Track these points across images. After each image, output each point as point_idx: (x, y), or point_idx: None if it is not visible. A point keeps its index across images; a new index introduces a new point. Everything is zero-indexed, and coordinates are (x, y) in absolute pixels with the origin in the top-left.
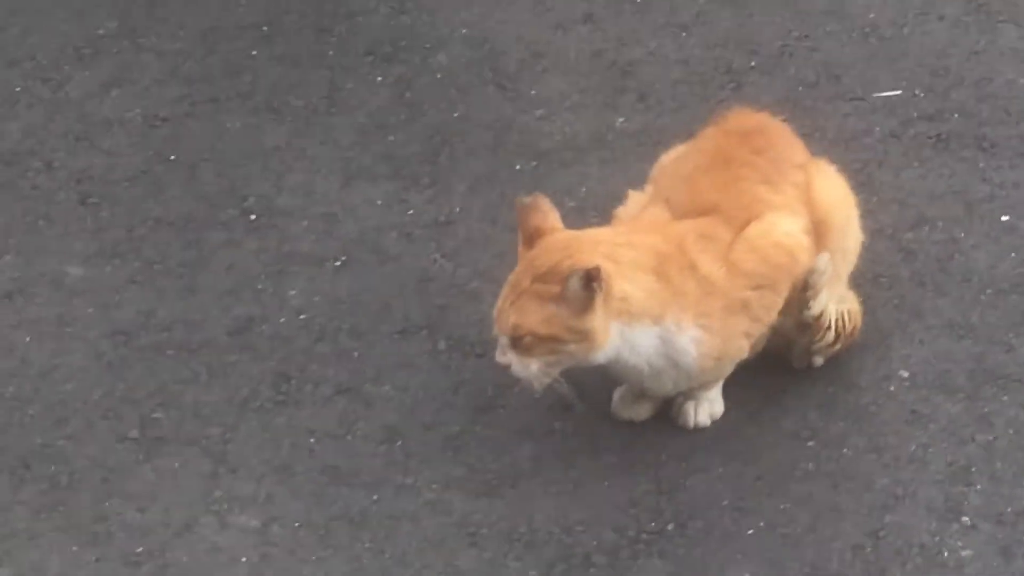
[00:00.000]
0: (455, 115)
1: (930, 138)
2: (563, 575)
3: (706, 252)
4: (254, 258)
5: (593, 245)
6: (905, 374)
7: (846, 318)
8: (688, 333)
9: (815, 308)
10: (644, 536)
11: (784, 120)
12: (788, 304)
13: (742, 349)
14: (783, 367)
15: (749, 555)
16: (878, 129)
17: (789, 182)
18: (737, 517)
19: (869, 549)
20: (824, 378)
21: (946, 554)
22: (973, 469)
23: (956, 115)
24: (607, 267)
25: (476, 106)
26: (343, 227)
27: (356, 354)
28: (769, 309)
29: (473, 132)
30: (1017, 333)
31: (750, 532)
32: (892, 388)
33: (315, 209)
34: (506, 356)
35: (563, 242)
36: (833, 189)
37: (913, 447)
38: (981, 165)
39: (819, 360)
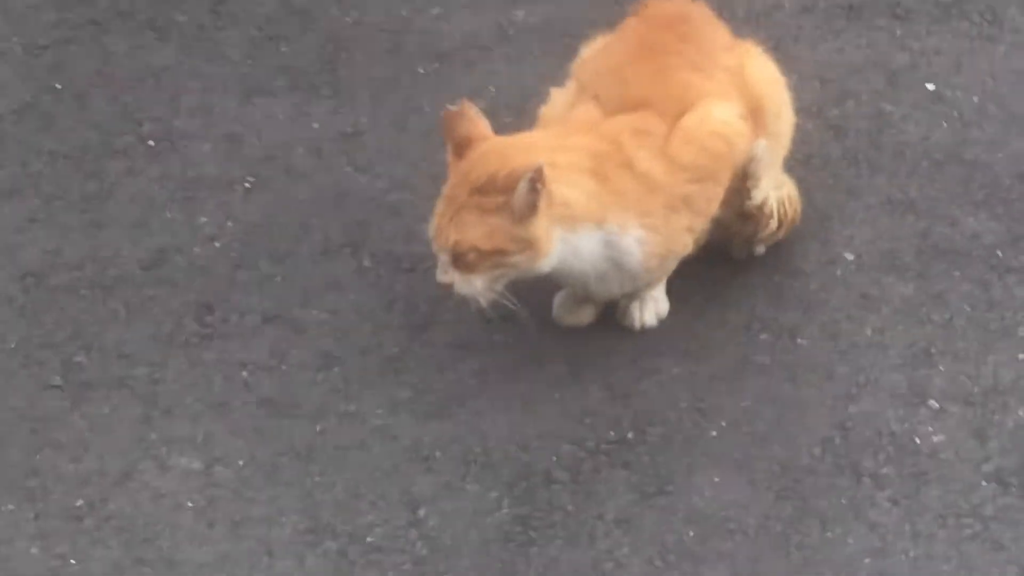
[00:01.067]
0: (348, 20)
1: (842, 8)
2: (525, 494)
3: (643, 148)
4: (158, 186)
5: (528, 150)
6: (850, 256)
7: (787, 204)
8: (631, 233)
9: (757, 197)
10: (604, 447)
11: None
12: (728, 195)
13: (687, 245)
14: (724, 259)
15: (715, 457)
16: (788, 4)
17: (719, 67)
18: (697, 419)
19: (838, 441)
20: (767, 267)
21: (918, 440)
22: (933, 350)
23: None
24: (546, 172)
25: (369, 9)
26: (247, 147)
27: (279, 279)
28: (711, 202)
29: (369, 37)
30: (959, 205)
31: (713, 434)
32: (839, 272)
33: (216, 130)
34: (448, 274)
35: (496, 150)
36: (765, 71)
37: (869, 332)
38: (898, 33)
39: (760, 249)
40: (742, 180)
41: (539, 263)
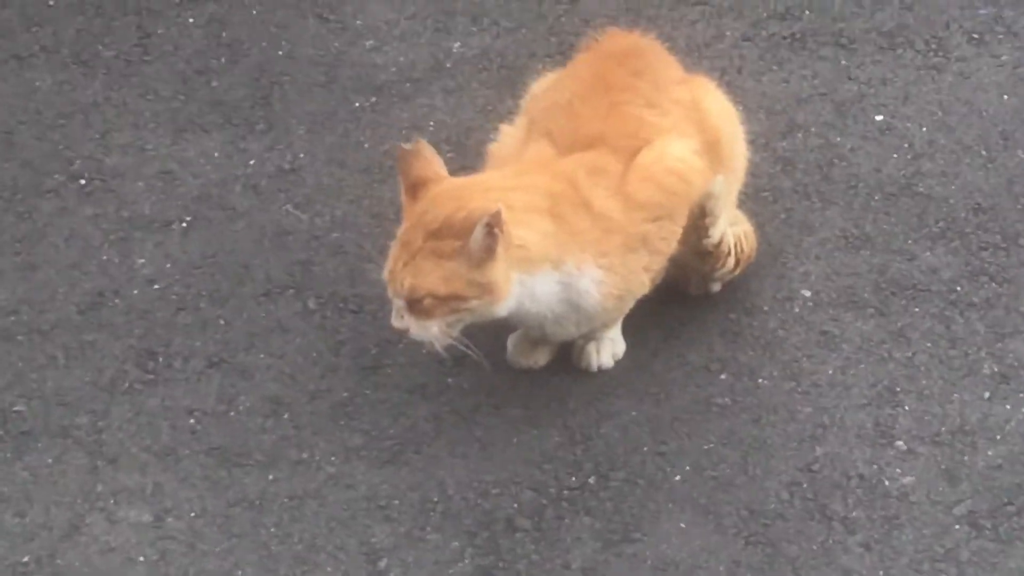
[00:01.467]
0: (279, 53)
1: (785, 38)
2: (487, 543)
3: (599, 187)
4: (93, 226)
5: (484, 192)
6: (807, 293)
7: (743, 240)
8: (589, 275)
9: (715, 235)
10: (566, 493)
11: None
12: (685, 233)
13: (644, 284)
14: (679, 297)
15: (680, 502)
16: (729, 33)
17: (672, 102)
18: (660, 463)
19: (805, 485)
20: (723, 304)
21: (887, 483)
22: (898, 389)
23: (808, 12)
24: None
25: (300, 41)
26: (182, 185)
27: (222, 322)
28: (668, 240)
29: (302, 70)
30: (915, 239)
31: (677, 478)
32: (796, 309)
33: (149, 168)
34: (403, 320)
35: (452, 192)
36: (719, 106)
37: (830, 371)
38: (843, 63)
39: (716, 286)
40: (699, 218)
41: (497, 307)
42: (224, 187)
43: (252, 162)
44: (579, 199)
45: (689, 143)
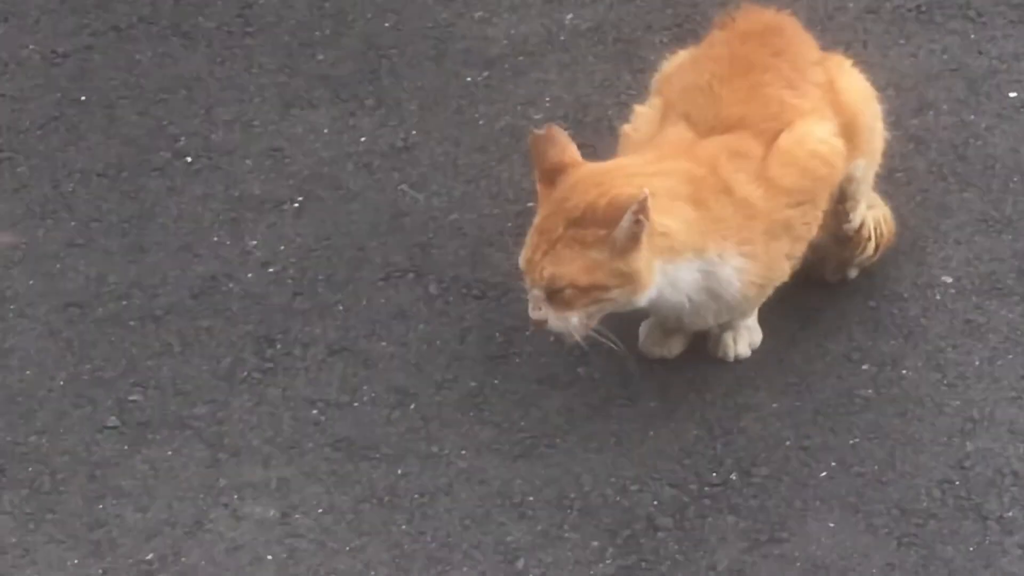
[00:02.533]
0: (386, 25)
1: (910, 10)
2: (628, 543)
3: (741, 172)
4: (202, 206)
5: (626, 178)
6: (948, 279)
7: (882, 224)
8: (731, 263)
9: (855, 220)
10: (707, 490)
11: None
12: (825, 218)
13: (785, 272)
14: (816, 283)
15: (828, 500)
16: (852, 5)
17: (811, 83)
18: (804, 458)
19: (958, 482)
20: (862, 291)
21: None
22: None
23: None
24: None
25: (408, 12)
26: (292, 163)
27: (341, 308)
28: (811, 226)
29: (411, 42)
30: None
31: (823, 474)
32: (938, 296)
33: (257, 145)
34: (541, 311)
35: (593, 177)
36: (857, 86)
37: (977, 361)
38: (973, 37)
39: (854, 272)
40: (839, 202)
41: (639, 297)
42: (335, 165)
43: (363, 139)
44: (721, 185)
45: (829, 125)
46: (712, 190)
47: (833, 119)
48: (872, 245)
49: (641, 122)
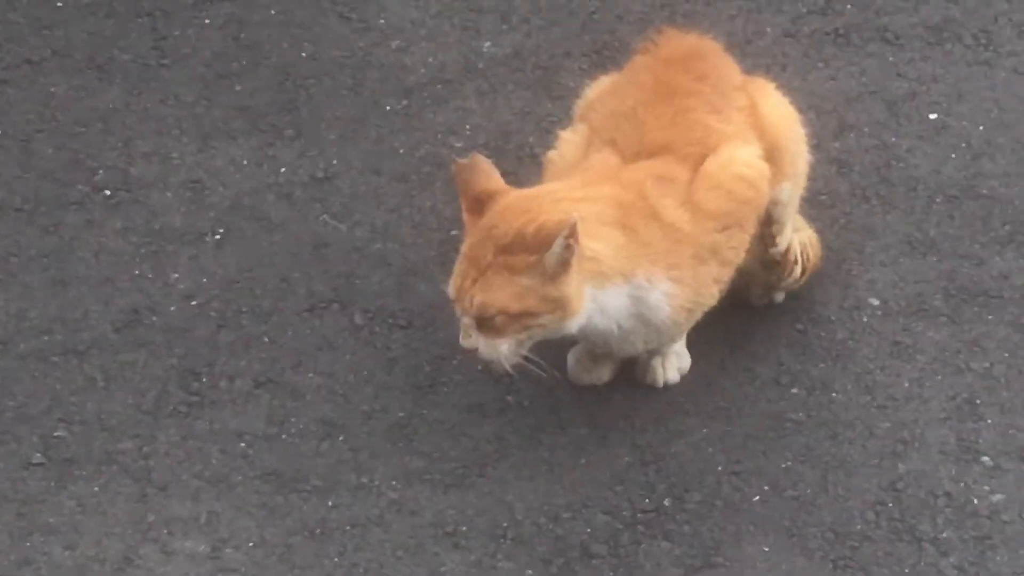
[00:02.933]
0: (303, 55)
1: (828, 34)
2: (563, 571)
3: (667, 196)
4: (122, 239)
5: (553, 203)
6: (875, 301)
7: (808, 248)
8: (660, 287)
9: (782, 244)
10: (641, 516)
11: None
12: (751, 241)
13: (713, 296)
14: (742, 307)
15: (762, 525)
16: (769, 30)
17: (734, 107)
18: (737, 483)
19: (891, 504)
20: (789, 314)
21: (976, 501)
22: (978, 401)
23: (849, 6)
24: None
25: (323, 42)
26: (212, 194)
27: (266, 339)
28: (738, 250)
29: (328, 72)
30: (982, 244)
31: (756, 499)
32: (865, 319)
33: (176, 177)
34: (471, 339)
35: (520, 204)
36: (780, 110)
37: (906, 383)
38: (891, 59)
39: (780, 296)
40: (765, 226)
41: (569, 323)
42: (256, 196)
43: (283, 170)
44: (648, 209)
45: (754, 149)
46: (640, 215)
47: (757, 143)
48: (799, 269)
49: (566, 148)
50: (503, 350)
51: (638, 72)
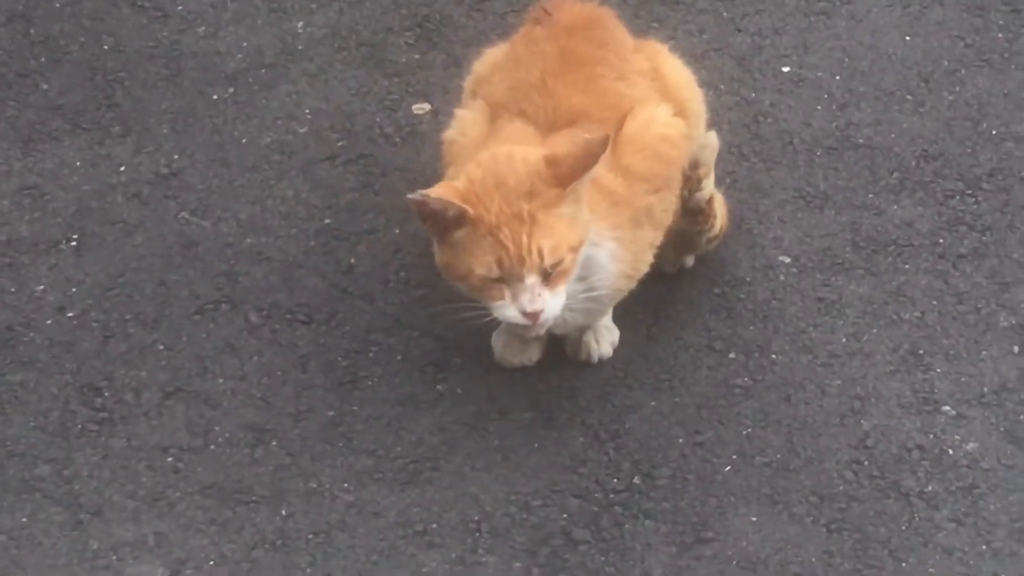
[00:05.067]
0: (105, 47)
1: None
2: (552, 560)
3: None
4: None
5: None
6: (786, 259)
7: (722, 206)
8: (607, 246)
9: (707, 188)
10: (614, 497)
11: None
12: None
13: (648, 263)
14: (654, 277)
15: (742, 495)
16: None
17: (636, 72)
18: (703, 455)
19: (866, 462)
20: (702, 279)
21: (951, 451)
22: (921, 351)
23: None
24: None
25: (121, 33)
26: (53, 199)
27: (161, 347)
28: (668, 212)
29: (138, 64)
30: (876, 193)
31: (727, 469)
32: (782, 277)
33: (7, 184)
34: (540, 298)
35: (502, 163)
36: (681, 73)
37: (843, 339)
38: (726, 15)
39: (690, 261)
40: (691, 169)
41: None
42: (102, 198)
43: (123, 168)
44: None
45: (668, 108)
46: None
47: (666, 104)
48: (717, 223)
49: (467, 125)
50: (563, 301)
51: (538, 43)
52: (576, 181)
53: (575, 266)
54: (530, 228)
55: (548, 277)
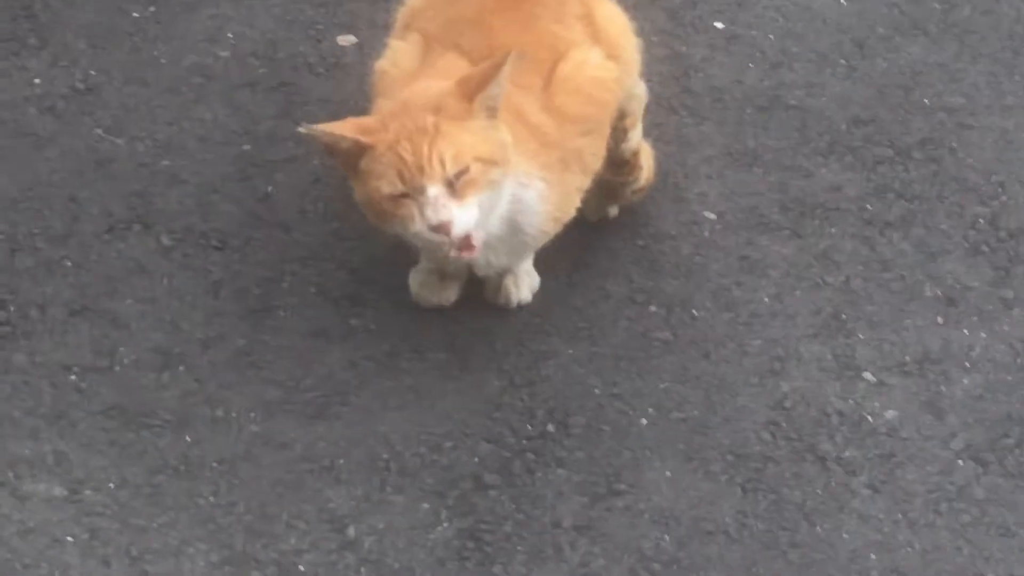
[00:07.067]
0: None
1: None
2: (460, 503)
3: (529, 100)
4: None
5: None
6: (711, 215)
7: (648, 158)
8: (535, 186)
9: (633, 138)
10: (527, 443)
11: None
12: None
13: (575, 206)
14: (579, 224)
15: (657, 448)
16: None
17: (571, 15)
18: (619, 406)
19: (784, 424)
20: (626, 230)
21: (870, 419)
22: (844, 316)
23: None
24: None
25: None
26: None
27: (68, 263)
28: (597, 156)
29: None
30: (805, 155)
31: (643, 422)
32: (706, 233)
33: None
34: (446, 208)
35: (416, 89)
36: (617, 20)
37: (766, 299)
38: None
39: (614, 211)
40: (618, 119)
41: (505, 179)
42: (15, 110)
43: (38, 81)
44: (514, 109)
45: (601, 51)
46: (509, 113)
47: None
48: (643, 174)
49: (399, 57)
50: (475, 213)
51: None
52: (482, 93)
53: (486, 179)
54: (432, 138)
55: (453, 188)
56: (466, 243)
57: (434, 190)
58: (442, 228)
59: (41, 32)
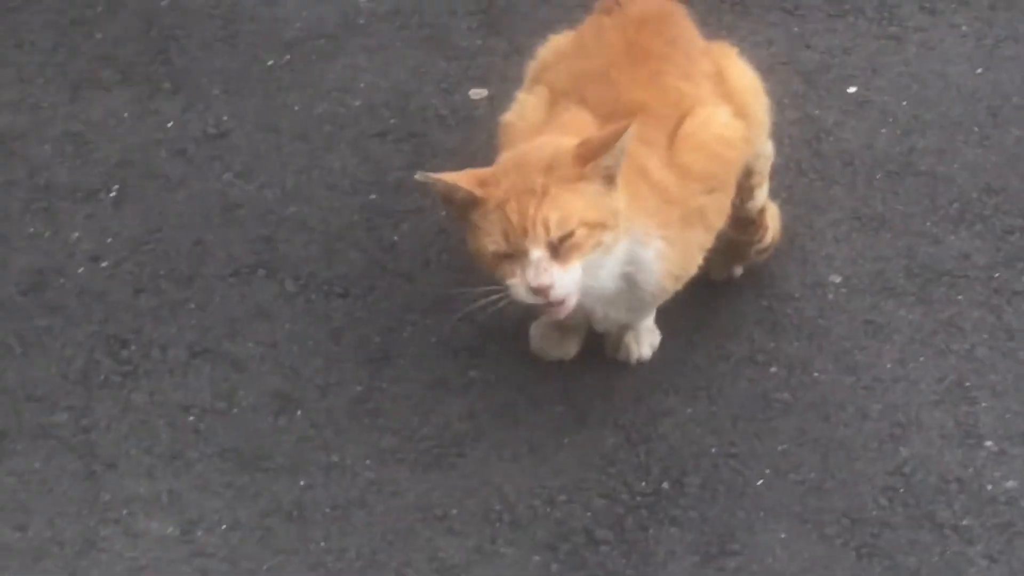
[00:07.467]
0: (163, 3)
1: (723, 2)
2: (571, 558)
3: (653, 157)
4: (6, 194)
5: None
6: (837, 279)
7: (775, 219)
8: (654, 245)
9: (759, 198)
10: (640, 500)
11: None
12: None
13: (697, 264)
14: (702, 284)
15: (772, 510)
16: None
17: (700, 73)
18: (735, 466)
19: (902, 490)
20: (751, 290)
21: (990, 487)
22: (968, 384)
23: None
24: None
25: None
26: (96, 149)
27: (192, 305)
28: (721, 214)
29: (195, 22)
30: (934, 222)
31: (759, 483)
32: (831, 296)
33: (51, 129)
34: (548, 272)
35: (536, 144)
36: (747, 78)
37: (889, 364)
38: (796, 30)
39: (739, 271)
40: (744, 178)
41: (616, 244)
42: (146, 152)
43: (170, 124)
44: (637, 166)
45: (728, 109)
46: (630, 170)
47: (727, 107)
48: (769, 235)
49: (526, 110)
50: (576, 277)
51: (605, 32)
52: (597, 158)
53: (592, 243)
54: (540, 201)
55: (557, 252)
56: (558, 301)
57: (537, 253)
58: (542, 291)
59: (176, 77)
